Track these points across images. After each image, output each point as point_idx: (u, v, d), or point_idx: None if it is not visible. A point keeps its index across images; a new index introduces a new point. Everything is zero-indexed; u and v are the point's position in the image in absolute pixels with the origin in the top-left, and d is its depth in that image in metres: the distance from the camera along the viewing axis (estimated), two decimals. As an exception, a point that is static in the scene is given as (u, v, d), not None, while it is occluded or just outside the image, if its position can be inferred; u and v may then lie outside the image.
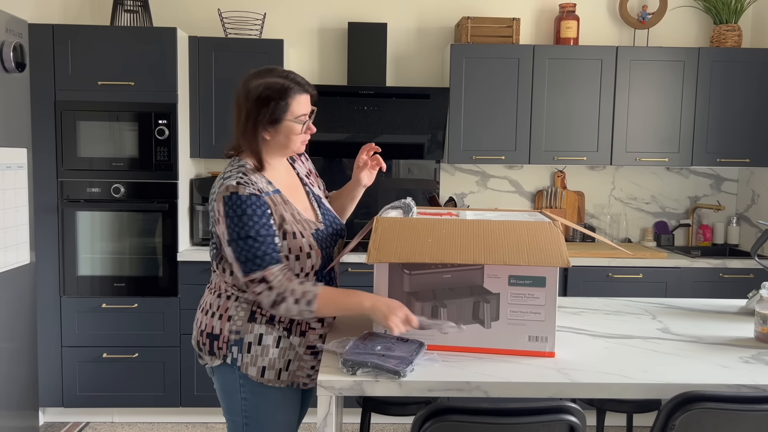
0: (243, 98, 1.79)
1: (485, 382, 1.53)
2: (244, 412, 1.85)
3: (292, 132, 1.80)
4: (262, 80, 1.77)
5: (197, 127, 3.58)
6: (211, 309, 1.87)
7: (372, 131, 3.65)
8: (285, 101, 1.76)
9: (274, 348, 1.82)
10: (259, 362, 1.81)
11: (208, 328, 1.85)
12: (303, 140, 1.85)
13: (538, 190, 4.09)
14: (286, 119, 1.78)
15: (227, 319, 1.83)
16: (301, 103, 1.80)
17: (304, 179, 2.00)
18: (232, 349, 1.81)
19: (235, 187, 1.72)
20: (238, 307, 1.83)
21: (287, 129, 1.80)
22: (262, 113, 1.76)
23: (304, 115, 1.81)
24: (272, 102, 1.75)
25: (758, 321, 1.89)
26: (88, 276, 3.44)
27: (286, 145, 1.83)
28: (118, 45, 3.35)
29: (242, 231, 1.71)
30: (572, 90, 3.67)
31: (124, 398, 3.50)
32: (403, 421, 3.56)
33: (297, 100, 1.78)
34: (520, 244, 1.67)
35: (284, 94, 1.76)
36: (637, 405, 2.23)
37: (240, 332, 1.81)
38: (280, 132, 1.80)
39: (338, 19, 3.93)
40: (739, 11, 3.82)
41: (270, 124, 1.78)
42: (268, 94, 1.75)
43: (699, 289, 3.50)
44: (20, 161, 2.78)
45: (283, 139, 1.81)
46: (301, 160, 2.05)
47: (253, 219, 1.71)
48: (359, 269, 3.43)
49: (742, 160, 3.73)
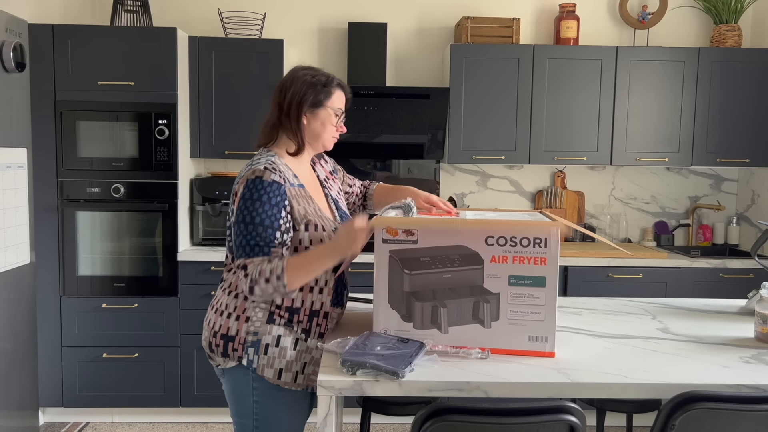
0: (290, 83, 1.89)
1: (485, 382, 1.53)
2: (255, 415, 1.84)
3: (329, 121, 1.90)
4: (310, 71, 1.92)
5: (197, 127, 3.58)
6: (227, 309, 1.84)
7: (372, 131, 3.65)
8: (328, 89, 1.89)
9: (292, 350, 1.82)
10: (276, 364, 1.80)
11: (223, 329, 1.83)
12: (334, 135, 1.95)
13: (538, 190, 4.09)
14: (326, 106, 1.89)
15: (245, 320, 1.81)
16: (341, 99, 1.94)
17: (323, 182, 2.03)
18: (248, 351, 1.80)
19: (262, 172, 1.77)
20: (256, 307, 1.82)
21: (325, 116, 1.89)
22: (308, 94, 1.87)
23: (340, 110, 1.92)
24: (318, 86, 1.88)
25: (758, 321, 1.89)
26: (88, 276, 3.44)
27: (320, 134, 1.91)
28: (118, 45, 3.35)
29: (248, 215, 1.74)
30: (572, 90, 3.67)
31: (124, 398, 3.50)
32: (403, 421, 3.56)
33: (338, 94, 1.92)
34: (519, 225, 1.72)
35: (329, 83, 1.90)
36: (637, 405, 2.23)
37: (258, 333, 1.80)
38: (318, 118, 1.89)
39: (338, 19, 3.93)
40: (739, 11, 3.82)
41: (313, 106, 1.88)
42: (316, 80, 1.89)
43: (699, 289, 3.50)
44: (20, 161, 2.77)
45: (319, 127, 1.90)
46: (320, 163, 2.10)
47: (264, 207, 1.74)
48: (359, 269, 3.43)
49: (742, 160, 3.73)
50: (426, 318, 1.73)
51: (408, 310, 1.73)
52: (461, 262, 1.71)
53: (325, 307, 1.87)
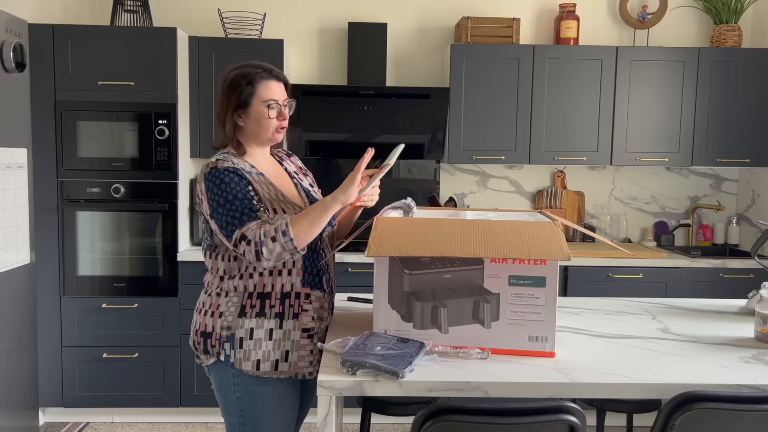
0: (219, 87, 1.92)
1: (485, 382, 1.53)
2: (239, 412, 1.86)
3: (261, 116, 1.88)
4: (236, 70, 1.90)
5: (197, 127, 3.58)
6: (203, 307, 1.90)
7: (372, 131, 3.65)
8: (252, 86, 1.86)
9: (267, 341, 1.83)
10: (253, 356, 1.83)
11: (201, 326, 1.88)
12: (277, 127, 1.91)
13: (538, 190, 4.09)
14: (253, 103, 1.87)
15: (218, 315, 1.85)
16: (270, 89, 1.88)
17: (291, 174, 2.05)
18: (225, 346, 1.83)
19: (215, 163, 1.82)
20: (228, 302, 1.85)
21: (256, 113, 1.88)
22: (232, 98, 1.87)
23: (273, 101, 1.88)
24: (240, 87, 1.86)
25: (758, 321, 1.89)
26: (88, 276, 3.44)
27: (259, 131, 1.90)
28: (118, 45, 3.35)
29: (221, 198, 1.77)
30: (572, 90, 3.67)
31: (124, 398, 3.50)
32: (403, 421, 3.56)
33: (264, 86, 1.88)
34: (520, 240, 1.67)
35: (251, 79, 1.87)
36: (637, 405, 2.23)
37: (231, 328, 1.83)
38: (250, 116, 1.89)
39: (338, 19, 3.93)
40: (739, 11, 3.82)
41: (240, 108, 1.87)
42: (237, 80, 1.87)
43: (699, 289, 3.50)
44: (20, 161, 2.77)
45: (254, 124, 1.89)
46: (289, 160, 2.11)
47: (230, 185, 1.78)
48: (359, 269, 3.44)
49: (742, 160, 3.73)
50: (426, 318, 1.73)
51: (408, 310, 1.73)
52: (461, 262, 1.71)
53: (296, 288, 1.87)
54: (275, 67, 1.94)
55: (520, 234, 1.69)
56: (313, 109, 3.60)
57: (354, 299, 2.31)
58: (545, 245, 1.65)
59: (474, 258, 1.68)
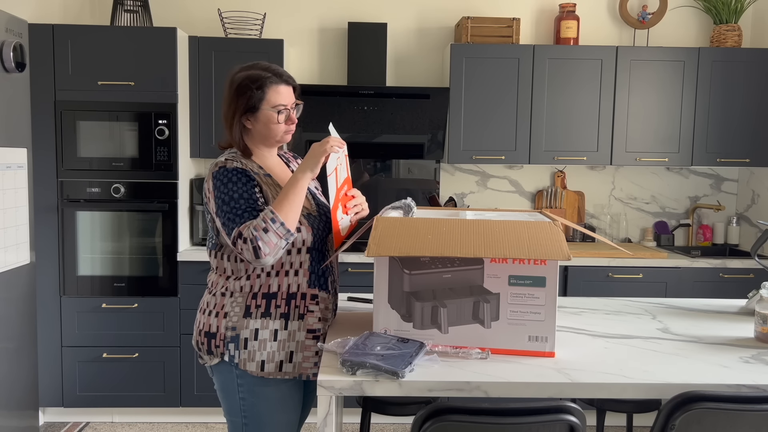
0: (227, 89, 1.91)
1: (485, 382, 1.53)
2: (242, 412, 1.86)
3: (270, 121, 1.88)
4: (244, 72, 1.88)
5: (197, 127, 3.58)
6: (208, 307, 1.89)
7: (372, 131, 3.65)
8: (262, 90, 1.85)
9: (272, 341, 1.83)
10: (258, 357, 1.82)
11: (206, 326, 1.87)
12: (285, 130, 1.92)
13: (538, 190, 4.09)
14: (263, 108, 1.86)
15: (223, 316, 1.85)
16: (280, 93, 1.87)
17: None
18: (229, 346, 1.83)
19: (223, 162, 1.83)
20: (233, 302, 1.85)
21: (265, 118, 1.87)
22: (240, 101, 1.86)
23: (282, 106, 1.88)
24: (249, 91, 1.84)
25: (758, 321, 1.89)
26: (88, 276, 3.44)
27: (267, 134, 1.90)
28: (118, 45, 3.35)
29: (225, 196, 1.78)
30: (572, 90, 3.67)
31: (124, 398, 3.50)
32: (403, 421, 3.56)
33: (274, 90, 1.86)
34: (520, 240, 1.67)
35: (261, 84, 1.85)
36: (637, 405, 2.23)
37: (236, 328, 1.83)
38: (259, 120, 1.88)
39: (338, 19, 3.93)
40: (739, 11, 3.82)
41: (248, 112, 1.87)
42: (247, 84, 1.85)
43: (699, 289, 3.50)
44: (20, 161, 2.77)
45: (263, 128, 1.89)
46: (296, 162, 2.11)
47: (237, 185, 1.78)
48: (359, 269, 3.44)
49: (742, 160, 3.73)
50: (426, 318, 1.73)
51: (408, 310, 1.73)
52: (461, 262, 1.70)
53: (302, 289, 1.87)
54: (285, 71, 1.92)
55: (520, 234, 1.69)
56: (313, 109, 3.59)
57: (354, 299, 2.31)
58: (545, 245, 1.65)
59: (474, 258, 1.68)
